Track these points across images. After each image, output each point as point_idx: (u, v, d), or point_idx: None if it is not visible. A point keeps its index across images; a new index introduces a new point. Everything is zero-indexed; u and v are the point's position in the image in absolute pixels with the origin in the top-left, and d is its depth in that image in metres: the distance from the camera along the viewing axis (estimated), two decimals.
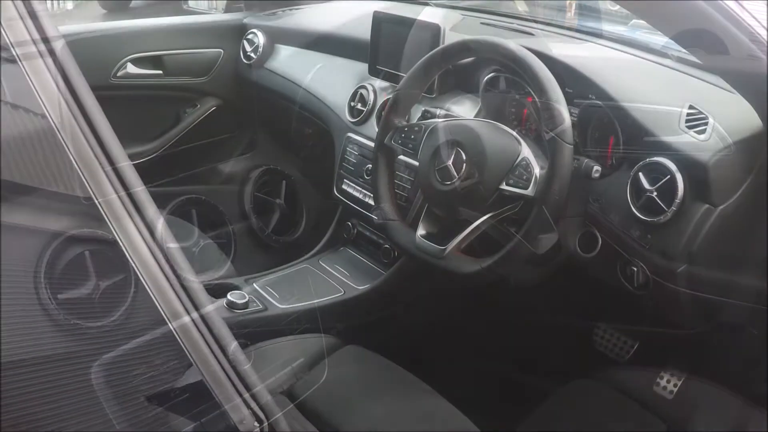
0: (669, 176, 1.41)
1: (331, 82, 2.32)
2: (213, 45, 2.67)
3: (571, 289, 1.97)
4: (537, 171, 1.46)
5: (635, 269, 1.49)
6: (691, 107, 1.49)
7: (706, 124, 1.45)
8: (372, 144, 1.94)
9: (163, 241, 0.84)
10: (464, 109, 1.88)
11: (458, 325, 2.19)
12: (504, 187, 1.48)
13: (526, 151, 1.49)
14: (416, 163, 1.65)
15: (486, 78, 1.81)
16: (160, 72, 2.57)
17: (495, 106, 1.83)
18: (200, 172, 2.80)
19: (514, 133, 1.55)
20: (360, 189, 2.05)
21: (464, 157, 1.51)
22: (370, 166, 1.89)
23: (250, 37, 2.64)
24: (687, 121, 1.46)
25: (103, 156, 0.81)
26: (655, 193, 1.42)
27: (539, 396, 1.78)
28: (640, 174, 1.45)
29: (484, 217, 1.51)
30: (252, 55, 2.61)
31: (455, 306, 2.18)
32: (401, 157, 1.75)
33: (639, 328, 1.99)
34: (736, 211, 1.42)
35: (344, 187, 2.11)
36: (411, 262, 1.80)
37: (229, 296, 1.82)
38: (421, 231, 1.61)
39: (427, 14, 1.97)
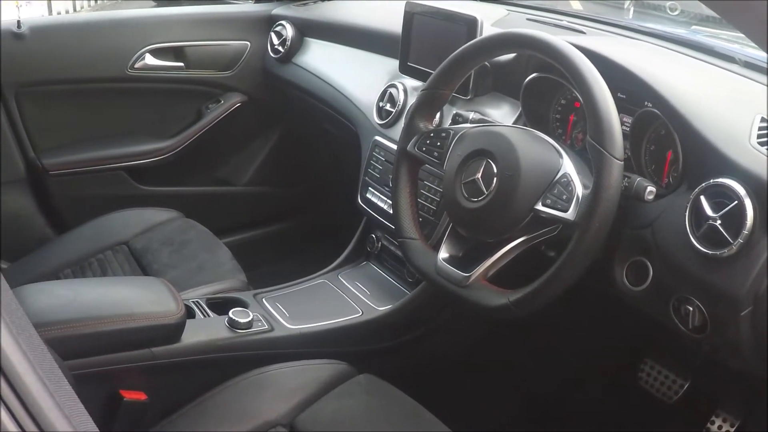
0: (736, 202, 1.20)
1: (361, 79, 2.18)
2: (239, 37, 2.56)
3: (615, 322, 1.79)
4: (580, 190, 1.27)
5: (691, 309, 1.28)
6: (763, 120, 1.30)
7: None
8: None
9: None
10: (502, 114, 1.71)
11: (486, 357, 2.01)
12: (540, 207, 1.30)
13: (568, 166, 1.31)
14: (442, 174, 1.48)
15: (528, 79, 1.63)
16: (182, 64, 2.48)
17: (537, 112, 1.66)
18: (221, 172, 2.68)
19: (556, 144, 1.37)
20: (386, 199, 1.89)
21: (495, 170, 1.34)
22: None
23: (278, 29, 2.51)
24: (759, 136, 1.28)
25: None
26: (718, 221, 1.21)
27: None
28: (702, 198, 1.24)
29: (516, 242, 1.34)
30: (279, 48, 2.48)
31: (484, 335, 2.01)
32: (427, 165, 1.58)
33: (691, 367, 1.80)
34: None
35: (368, 195, 1.95)
36: None
37: (230, 314, 1.66)
38: (443, 254, 1.44)
39: (466, 7, 1.81)
